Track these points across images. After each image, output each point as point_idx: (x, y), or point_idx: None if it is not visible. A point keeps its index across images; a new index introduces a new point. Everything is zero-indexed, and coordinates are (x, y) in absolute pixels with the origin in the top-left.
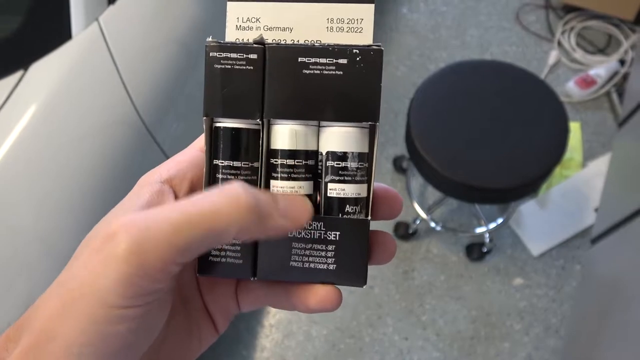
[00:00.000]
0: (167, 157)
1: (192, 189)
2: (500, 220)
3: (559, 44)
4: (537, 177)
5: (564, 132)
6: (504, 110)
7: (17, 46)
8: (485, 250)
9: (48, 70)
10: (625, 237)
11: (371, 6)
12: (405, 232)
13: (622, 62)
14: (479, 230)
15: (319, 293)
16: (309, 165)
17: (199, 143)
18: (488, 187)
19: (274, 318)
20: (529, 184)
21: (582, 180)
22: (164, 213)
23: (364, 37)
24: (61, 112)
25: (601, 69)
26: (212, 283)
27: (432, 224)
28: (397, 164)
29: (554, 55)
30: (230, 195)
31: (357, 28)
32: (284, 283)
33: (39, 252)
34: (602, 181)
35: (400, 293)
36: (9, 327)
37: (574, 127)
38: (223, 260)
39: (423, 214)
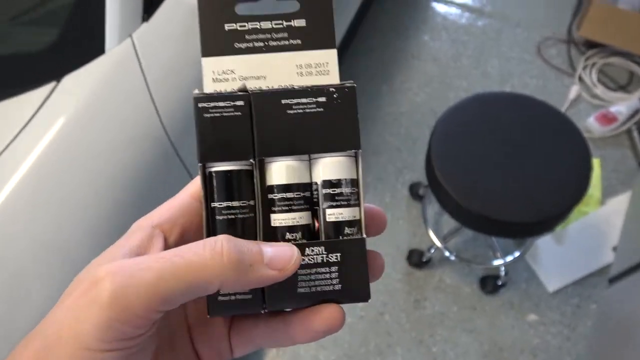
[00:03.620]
0: (190, 173)
1: (183, 234)
2: (516, 254)
3: (580, 79)
4: (555, 215)
5: (587, 170)
6: (526, 144)
7: (51, 58)
8: (500, 283)
9: (80, 83)
10: None
11: (334, 51)
12: (419, 260)
13: None
14: (495, 262)
15: (324, 312)
16: (305, 196)
17: (190, 189)
18: (505, 221)
19: None
20: (546, 221)
21: (600, 218)
22: (150, 262)
23: (331, 78)
24: (90, 124)
25: (622, 106)
26: (203, 324)
27: (447, 254)
28: (414, 191)
29: (574, 90)
30: (215, 249)
31: (324, 71)
32: (283, 315)
33: (61, 262)
34: (621, 220)
35: (410, 322)
36: None
37: (594, 163)
38: (232, 298)
39: (438, 243)
